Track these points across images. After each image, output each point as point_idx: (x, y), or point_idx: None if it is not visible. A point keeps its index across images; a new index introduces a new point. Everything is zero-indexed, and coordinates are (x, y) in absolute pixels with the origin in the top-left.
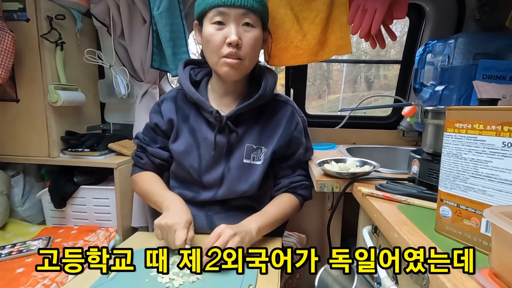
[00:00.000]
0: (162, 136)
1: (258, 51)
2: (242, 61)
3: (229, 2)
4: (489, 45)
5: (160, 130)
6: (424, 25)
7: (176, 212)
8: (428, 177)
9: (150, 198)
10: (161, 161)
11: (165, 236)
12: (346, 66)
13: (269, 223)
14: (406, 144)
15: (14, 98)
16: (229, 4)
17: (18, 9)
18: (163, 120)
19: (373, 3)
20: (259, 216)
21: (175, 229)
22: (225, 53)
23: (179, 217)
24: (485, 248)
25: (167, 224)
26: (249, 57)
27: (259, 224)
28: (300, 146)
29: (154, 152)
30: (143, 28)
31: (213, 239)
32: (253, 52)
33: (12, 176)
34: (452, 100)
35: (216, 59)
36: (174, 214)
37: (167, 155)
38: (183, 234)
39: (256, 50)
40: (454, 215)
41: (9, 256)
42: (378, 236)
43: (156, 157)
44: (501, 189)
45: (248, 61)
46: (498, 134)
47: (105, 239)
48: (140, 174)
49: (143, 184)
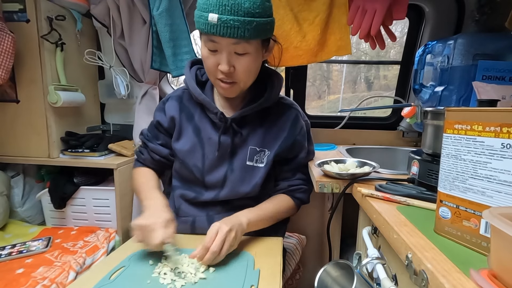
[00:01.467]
0: (164, 134)
1: (255, 70)
2: (237, 83)
3: (217, 33)
4: (488, 45)
5: (162, 128)
6: (423, 25)
7: (155, 211)
8: (428, 178)
9: (138, 195)
10: (160, 158)
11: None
12: (346, 67)
13: (260, 218)
14: (405, 145)
15: (14, 99)
16: (218, 34)
17: (18, 10)
18: (165, 118)
19: (372, 4)
20: (252, 210)
21: (153, 229)
22: (219, 77)
23: (157, 216)
24: (484, 249)
25: (144, 224)
26: (244, 80)
27: (250, 217)
28: (302, 150)
29: (154, 148)
30: (143, 28)
31: (212, 237)
32: (247, 75)
33: (12, 177)
34: (451, 101)
35: (213, 79)
36: (152, 214)
37: (167, 153)
38: (161, 233)
39: (252, 71)
40: (453, 216)
41: (9, 256)
42: (378, 237)
43: (156, 153)
44: (500, 190)
45: (243, 83)
46: (497, 135)
47: (105, 240)
48: (138, 169)
49: (137, 179)
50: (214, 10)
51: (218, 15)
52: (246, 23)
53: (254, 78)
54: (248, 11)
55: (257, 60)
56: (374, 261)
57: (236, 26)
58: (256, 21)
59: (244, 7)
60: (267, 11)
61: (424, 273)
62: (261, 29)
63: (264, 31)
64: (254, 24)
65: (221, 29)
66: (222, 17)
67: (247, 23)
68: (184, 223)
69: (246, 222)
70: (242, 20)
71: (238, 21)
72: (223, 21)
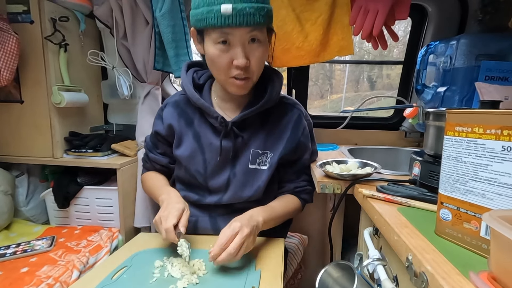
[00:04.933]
0: (163, 142)
1: (263, 63)
2: (251, 78)
3: (233, 24)
4: (491, 46)
5: (161, 136)
6: (426, 25)
7: (169, 204)
8: (429, 179)
9: (153, 195)
10: (161, 167)
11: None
12: (349, 66)
13: (273, 217)
14: (408, 145)
15: (19, 99)
16: (233, 25)
17: (22, 11)
18: (163, 126)
19: (375, 4)
20: (266, 209)
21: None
22: (233, 74)
23: (171, 207)
24: (484, 251)
25: (160, 216)
26: (257, 72)
27: (265, 217)
28: (306, 151)
29: (154, 158)
30: (145, 29)
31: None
32: (260, 67)
33: (16, 176)
34: (454, 101)
35: (224, 78)
36: (166, 206)
37: (166, 162)
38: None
39: (263, 63)
40: (454, 218)
41: (14, 255)
42: (379, 238)
43: (156, 163)
44: (500, 193)
45: (256, 76)
46: (498, 138)
47: (108, 239)
48: (145, 174)
49: (148, 182)
50: (226, 1)
51: (232, 5)
52: (260, 9)
53: (262, 70)
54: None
55: (266, 52)
56: (375, 262)
57: (252, 13)
58: (266, 7)
59: None
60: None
61: (424, 275)
62: (270, 16)
63: (271, 18)
64: (265, 10)
65: (238, 18)
66: (236, 6)
67: (260, 9)
68: None
69: (261, 222)
70: (256, 6)
71: (253, 8)
72: (239, 10)
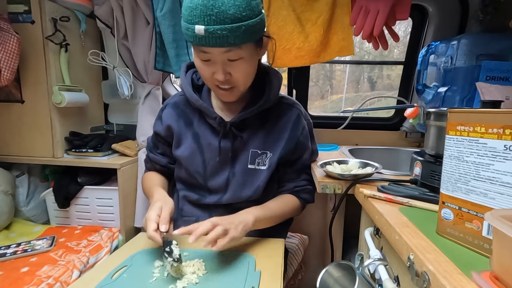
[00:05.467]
0: (162, 143)
1: (252, 72)
2: (236, 87)
3: (207, 45)
4: (492, 46)
5: (160, 137)
6: (427, 25)
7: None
8: (430, 179)
9: (147, 196)
10: (161, 167)
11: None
12: (349, 67)
13: (267, 217)
14: (408, 145)
15: (19, 99)
16: (207, 46)
17: (23, 11)
18: (162, 127)
19: (375, 4)
20: (259, 208)
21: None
22: (216, 83)
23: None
24: (486, 251)
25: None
26: (242, 82)
27: (257, 215)
28: (305, 150)
29: (154, 159)
30: (146, 29)
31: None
32: (245, 78)
33: (17, 176)
34: (455, 101)
35: (211, 86)
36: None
37: (166, 162)
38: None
39: (250, 73)
40: (455, 218)
41: (14, 255)
42: (380, 238)
43: (156, 163)
44: (502, 192)
45: (242, 85)
46: (500, 137)
47: (108, 239)
48: (145, 174)
49: (144, 184)
50: (200, 21)
51: (204, 27)
52: (234, 29)
53: (252, 78)
54: (234, 17)
55: (253, 62)
56: (376, 262)
57: (225, 35)
58: (244, 25)
59: (229, 13)
60: (254, 10)
61: (426, 274)
62: (251, 31)
63: (255, 32)
64: (242, 28)
65: (210, 40)
66: (208, 28)
67: (235, 30)
68: (186, 223)
69: (252, 220)
70: (229, 27)
71: (226, 29)
72: (211, 32)
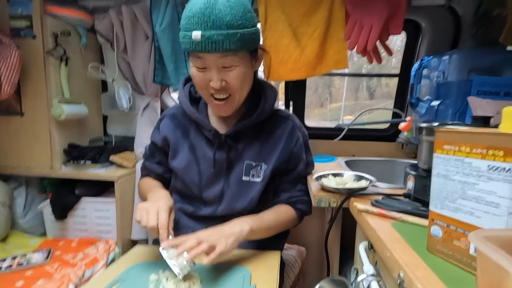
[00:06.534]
0: (159, 152)
1: (248, 82)
2: (232, 95)
3: (203, 50)
4: (483, 61)
5: (157, 147)
6: (420, 40)
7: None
8: (423, 194)
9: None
10: (156, 175)
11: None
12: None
13: (262, 227)
14: (405, 156)
15: (19, 112)
16: (204, 51)
17: (25, 26)
18: (159, 137)
19: (369, 19)
20: (254, 218)
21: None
22: (211, 92)
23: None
24: (474, 269)
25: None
26: (238, 91)
27: (252, 225)
28: (300, 161)
29: (150, 167)
30: (145, 43)
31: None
32: (241, 86)
33: (14, 188)
34: (447, 115)
35: (206, 97)
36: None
37: (161, 171)
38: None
39: (245, 82)
40: (444, 235)
41: (9, 269)
42: (375, 252)
43: (152, 171)
44: (488, 211)
45: (238, 94)
46: (484, 157)
47: (105, 252)
48: (142, 180)
49: (142, 187)
50: (197, 27)
51: (201, 32)
52: (230, 35)
53: (248, 89)
54: (230, 24)
55: (248, 72)
56: (369, 278)
57: (221, 40)
58: (240, 33)
59: (225, 20)
60: (250, 21)
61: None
62: (246, 39)
63: (250, 41)
64: (238, 35)
65: (206, 45)
66: (205, 33)
67: (231, 36)
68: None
69: (247, 230)
70: (225, 33)
71: (222, 35)
72: (207, 37)
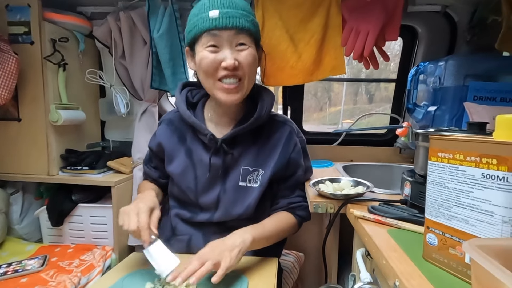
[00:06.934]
0: (155, 157)
1: (256, 70)
2: (242, 81)
3: (220, 25)
4: (478, 66)
5: (153, 152)
6: (417, 45)
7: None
8: (420, 200)
9: None
10: (153, 180)
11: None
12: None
13: (264, 236)
14: (403, 161)
15: (16, 117)
16: (220, 26)
17: (23, 32)
18: (154, 143)
19: (366, 25)
20: (256, 227)
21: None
22: (221, 75)
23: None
24: (470, 278)
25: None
26: (248, 75)
27: (254, 235)
28: (298, 167)
29: (147, 171)
30: (143, 49)
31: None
32: (251, 71)
33: (11, 194)
34: (444, 120)
35: (212, 83)
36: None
37: (157, 176)
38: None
39: (254, 68)
40: (440, 243)
41: (4, 276)
42: (372, 259)
43: (148, 175)
44: (482, 219)
45: (247, 80)
46: (477, 165)
47: (101, 258)
48: (140, 183)
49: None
50: (214, 7)
51: (219, 10)
52: (245, 15)
53: (254, 79)
54: (244, 8)
55: (256, 58)
56: (366, 286)
57: (237, 16)
58: (252, 17)
59: (239, 4)
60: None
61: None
62: (256, 26)
63: (257, 31)
64: (250, 18)
65: (224, 20)
66: (222, 10)
67: (245, 15)
68: (180, 242)
69: (249, 240)
70: (241, 12)
71: (238, 13)
72: (224, 13)
